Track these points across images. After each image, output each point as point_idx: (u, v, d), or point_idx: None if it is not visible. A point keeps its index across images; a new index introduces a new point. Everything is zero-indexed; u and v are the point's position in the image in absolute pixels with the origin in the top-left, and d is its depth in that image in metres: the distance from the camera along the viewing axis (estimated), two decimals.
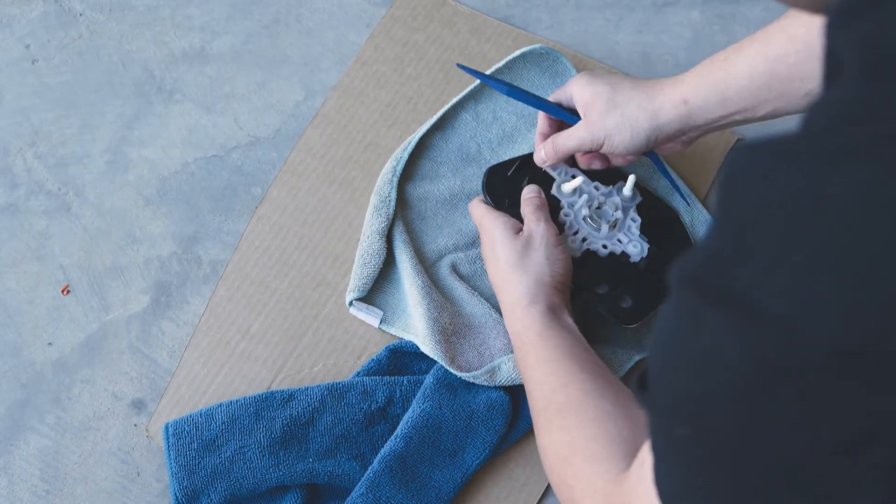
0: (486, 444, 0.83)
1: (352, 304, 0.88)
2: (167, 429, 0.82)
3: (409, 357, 0.87)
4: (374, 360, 0.86)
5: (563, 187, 0.88)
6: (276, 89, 1.00)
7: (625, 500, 0.56)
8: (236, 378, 0.87)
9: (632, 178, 0.88)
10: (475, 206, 0.87)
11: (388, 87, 0.99)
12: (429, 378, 0.84)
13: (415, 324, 0.86)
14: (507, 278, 0.80)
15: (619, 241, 0.88)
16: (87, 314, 0.90)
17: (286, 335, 0.89)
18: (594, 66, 1.01)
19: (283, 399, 0.83)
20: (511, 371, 0.83)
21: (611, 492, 0.59)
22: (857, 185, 0.33)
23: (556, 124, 0.87)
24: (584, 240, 0.87)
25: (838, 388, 0.34)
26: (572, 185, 0.87)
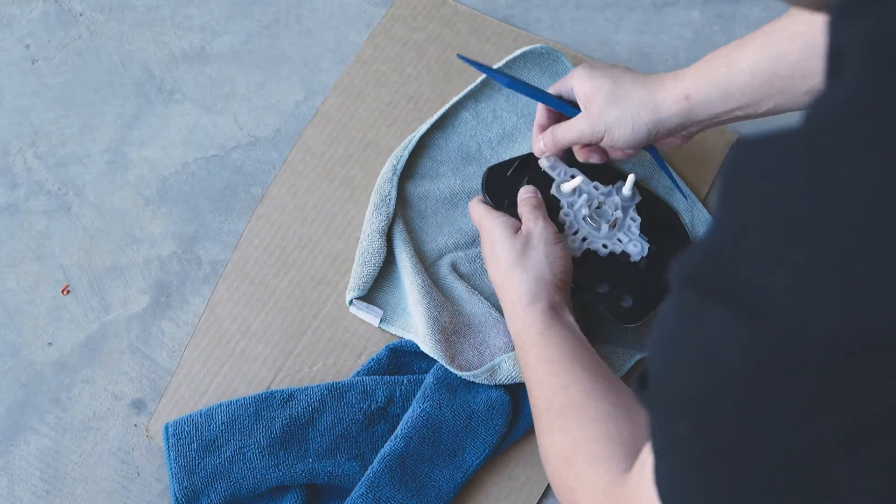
0: (486, 444, 0.82)
1: (352, 302, 0.88)
2: (167, 429, 0.82)
3: (409, 356, 0.87)
4: (373, 359, 0.86)
5: (562, 187, 0.88)
6: (276, 89, 1.00)
7: (626, 502, 0.56)
8: (236, 377, 0.87)
9: (631, 178, 0.88)
10: (475, 206, 0.87)
11: (389, 85, 0.99)
12: (429, 378, 0.84)
13: (415, 323, 0.86)
14: (508, 277, 0.80)
15: (619, 240, 0.88)
16: (87, 314, 0.90)
17: (286, 334, 0.88)
18: None
19: (283, 399, 0.83)
20: (511, 369, 0.83)
21: (612, 493, 0.59)
22: (858, 182, 0.33)
23: (555, 116, 0.87)
24: (584, 239, 0.87)
25: (839, 384, 0.34)
26: (572, 185, 0.87)
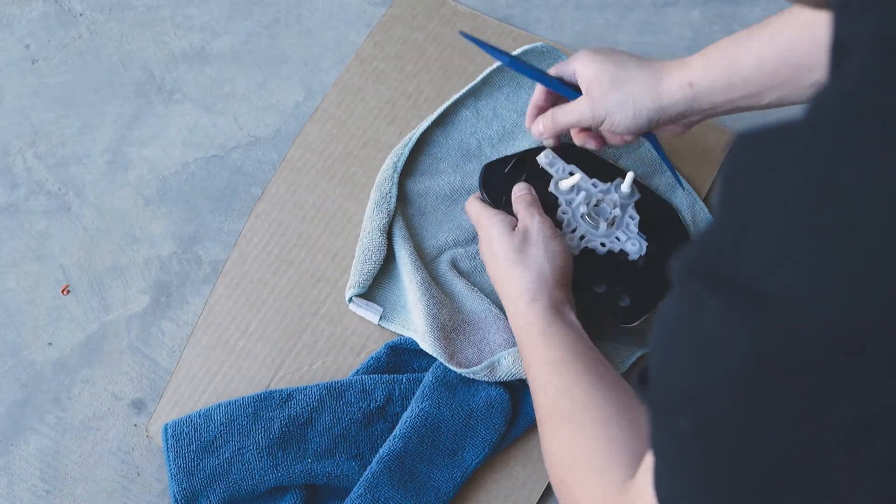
0: (485, 443, 0.82)
1: (351, 300, 0.88)
2: (166, 430, 0.82)
3: (408, 354, 0.87)
4: (373, 357, 0.86)
5: (560, 184, 0.87)
6: (276, 89, 1.00)
7: None
8: (235, 376, 0.87)
9: (630, 175, 0.87)
10: (472, 204, 0.87)
11: (388, 83, 0.99)
12: (428, 376, 0.84)
13: (414, 320, 0.86)
14: (507, 275, 0.79)
15: (618, 238, 0.87)
16: (87, 314, 0.90)
17: (285, 333, 0.88)
18: None
19: (282, 399, 0.83)
20: (511, 366, 0.83)
21: (615, 501, 0.59)
22: (858, 182, 0.33)
23: (552, 98, 0.86)
24: (583, 238, 0.86)
25: (839, 384, 0.34)
26: (570, 182, 0.87)
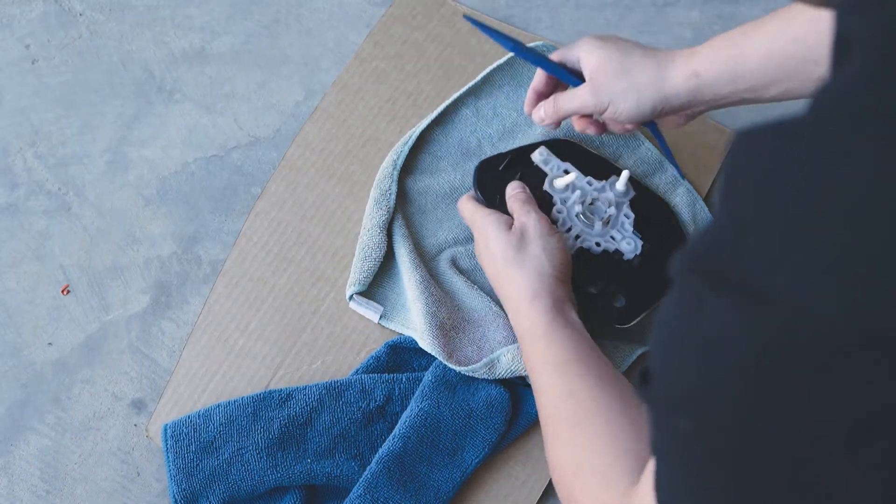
0: (485, 443, 0.82)
1: (352, 298, 0.87)
2: (165, 430, 0.82)
3: (408, 353, 0.87)
4: (373, 356, 0.86)
5: (555, 182, 0.86)
6: (276, 89, 1.00)
7: None
8: (235, 376, 0.87)
9: (625, 174, 0.87)
10: (465, 205, 0.86)
11: (388, 82, 0.99)
12: (427, 376, 0.84)
13: (413, 319, 0.86)
14: (506, 274, 0.79)
15: (613, 238, 0.86)
16: (87, 314, 0.90)
17: (285, 332, 0.88)
18: None
19: (281, 399, 0.83)
20: (510, 362, 0.82)
21: None
22: (858, 182, 0.33)
23: (553, 83, 0.85)
24: (578, 237, 0.86)
25: (839, 384, 0.34)
26: (565, 181, 0.86)
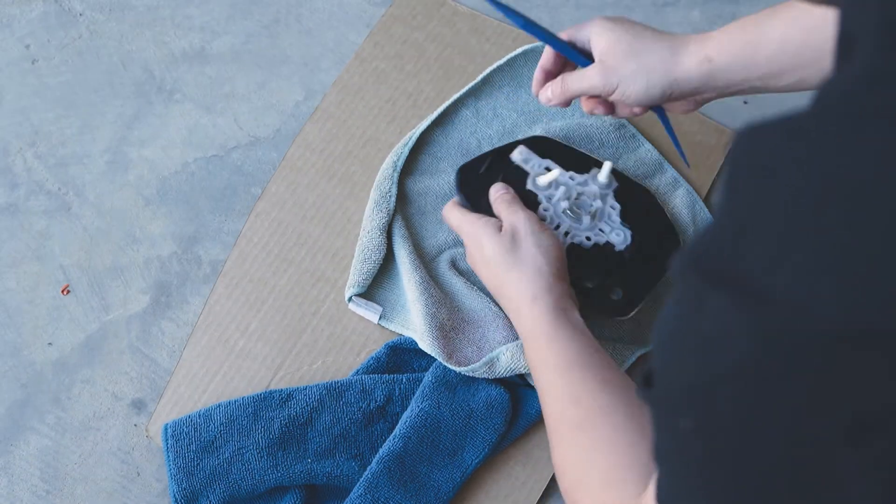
0: (485, 443, 0.82)
1: (351, 299, 0.87)
2: (165, 430, 0.82)
3: (408, 354, 0.87)
4: (373, 357, 0.86)
5: (538, 180, 0.86)
6: (276, 89, 1.00)
7: None
8: (235, 376, 0.87)
9: (607, 165, 0.86)
10: (451, 213, 0.85)
11: (388, 83, 0.99)
12: (427, 376, 0.84)
13: (413, 320, 0.86)
14: (505, 278, 0.78)
15: (602, 231, 0.86)
16: (87, 314, 0.90)
17: (285, 332, 0.88)
18: None
19: (282, 399, 0.83)
20: (510, 361, 0.82)
21: None
22: (858, 182, 0.33)
23: (561, 62, 0.82)
24: (567, 234, 0.85)
25: (839, 384, 0.34)
26: (549, 178, 0.85)
